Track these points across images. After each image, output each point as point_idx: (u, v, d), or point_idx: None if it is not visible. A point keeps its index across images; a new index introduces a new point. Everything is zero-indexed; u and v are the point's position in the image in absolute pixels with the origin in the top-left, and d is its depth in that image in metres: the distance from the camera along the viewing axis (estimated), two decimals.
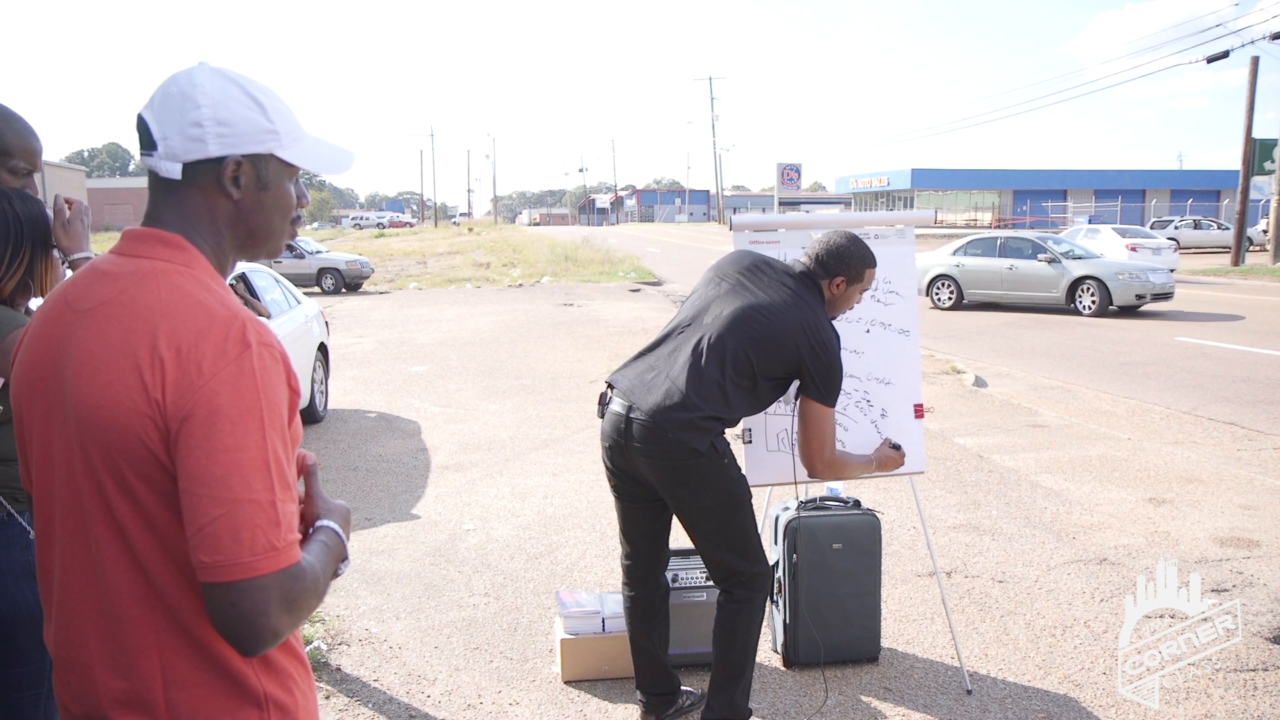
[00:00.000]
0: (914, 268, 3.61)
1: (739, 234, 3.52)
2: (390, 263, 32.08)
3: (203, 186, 1.28)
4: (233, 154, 1.27)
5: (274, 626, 1.14)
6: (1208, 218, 38.99)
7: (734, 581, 3.02)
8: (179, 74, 1.28)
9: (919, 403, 3.59)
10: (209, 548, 1.11)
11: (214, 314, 1.19)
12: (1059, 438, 7.36)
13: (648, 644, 3.23)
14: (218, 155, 1.26)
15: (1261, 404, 8.44)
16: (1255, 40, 25.19)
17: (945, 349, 11.67)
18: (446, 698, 3.51)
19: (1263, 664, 3.68)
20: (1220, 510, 5.53)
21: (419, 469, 6.67)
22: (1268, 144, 26.33)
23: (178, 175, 1.26)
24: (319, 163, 1.36)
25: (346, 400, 9.09)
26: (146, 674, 1.20)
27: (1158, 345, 11.85)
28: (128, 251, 1.27)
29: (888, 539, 4.65)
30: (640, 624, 3.22)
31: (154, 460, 1.16)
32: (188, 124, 1.24)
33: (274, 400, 1.18)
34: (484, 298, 19.83)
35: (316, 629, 4.02)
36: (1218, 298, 18.06)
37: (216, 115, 1.25)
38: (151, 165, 1.27)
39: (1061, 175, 60.19)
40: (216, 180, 1.28)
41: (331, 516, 1.32)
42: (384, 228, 71.69)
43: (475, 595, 4.42)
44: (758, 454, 3.48)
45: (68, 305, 1.26)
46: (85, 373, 1.19)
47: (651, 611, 3.22)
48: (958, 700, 3.46)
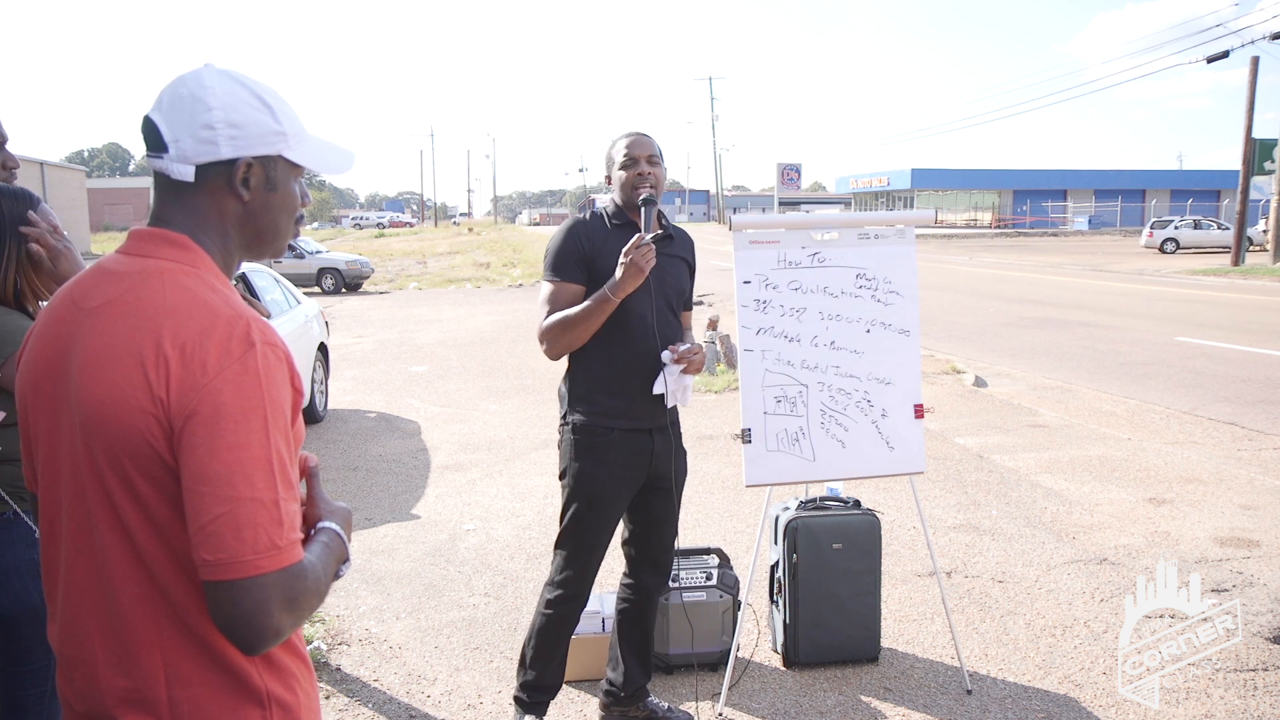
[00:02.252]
0: (914, 268, 3.61)
1: (739, 234, 3.53)
2: (390, 263, 32.08)
3: (212, 188, 1.28)
4: (243, 156, 1.28)
5: (276, 625, 1.14)
6: (1208, 218, 39.00)
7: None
8: (186, 76, 1.28)
9: (919, 403, 3.59)
10: (211, 546, 1.11)
11: (218, 313, 1.19)
12: (1059, 438, 7.36)
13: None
14: (229, 157, 1.27)
15: (1261, 404, 8.44)
16: (1255, 40, 25.22)
17: (945, 349, 11.67)
18: (446, 698, 3.51)
19: (1263, 664, 3.68)
20: (1220, 510, 5.53)
21: (419, 469, 6.67)
22: (1268, 144, 26.32)
23: (190, 178, 1.27)
24: (323, 163, 1.38)
25: (346, 400, 9.09)
26: (149, 672, 1.21)
27: (1158, 345, 11.85)
28: (133, 251, 1.27)
29: (888, 539, 4.66)
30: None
31: (158, 459, 1.16)
32: (199, 126, 1.25)
33: (277, 399, 1.19)
34: (484, 298, 19.84)
35: (316, 629, 4.02)
36: (1217, 298, 18.06)
37: (227, 117, 1.26)
38: (161, 168, 1.27)
39: (1061, 175, 60.23)
40: (227, 182, 1.29)
41: (333, 518, 1.33)
42: (384, 228, 71.75)
43: (475, 595, 4.42)
44: (758, 454, 3.48)
45: (73, 304, 1.26)
46: (90, 371, 1.20)
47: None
48: (958, 700, 3.46)
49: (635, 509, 3.09)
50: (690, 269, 3.09)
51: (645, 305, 2.85)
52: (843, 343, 3.52)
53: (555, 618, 3.03)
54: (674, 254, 3.00)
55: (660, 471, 2.99)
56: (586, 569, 3.01)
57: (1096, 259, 30.71)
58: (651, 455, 2.96)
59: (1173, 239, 34.36)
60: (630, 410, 2.90)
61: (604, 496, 2.93)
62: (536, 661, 3.08)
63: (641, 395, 2.89)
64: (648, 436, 2.94)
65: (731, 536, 5.11)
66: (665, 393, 2.89)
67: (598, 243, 2.86)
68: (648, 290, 2.83)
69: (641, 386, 2.88)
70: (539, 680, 3.10)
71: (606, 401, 2.90)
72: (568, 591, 3.01)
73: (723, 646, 3.63)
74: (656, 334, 2.88)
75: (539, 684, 3.10)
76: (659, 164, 2.92)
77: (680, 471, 3.10)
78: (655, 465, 2.98)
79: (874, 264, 3.56)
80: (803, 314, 3.50)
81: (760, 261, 3.49)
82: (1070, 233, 51.19)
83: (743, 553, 4.71)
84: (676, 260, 3.01)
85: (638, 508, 3.08)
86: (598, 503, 2.94)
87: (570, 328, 2.81)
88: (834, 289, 3.53)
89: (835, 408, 3.51)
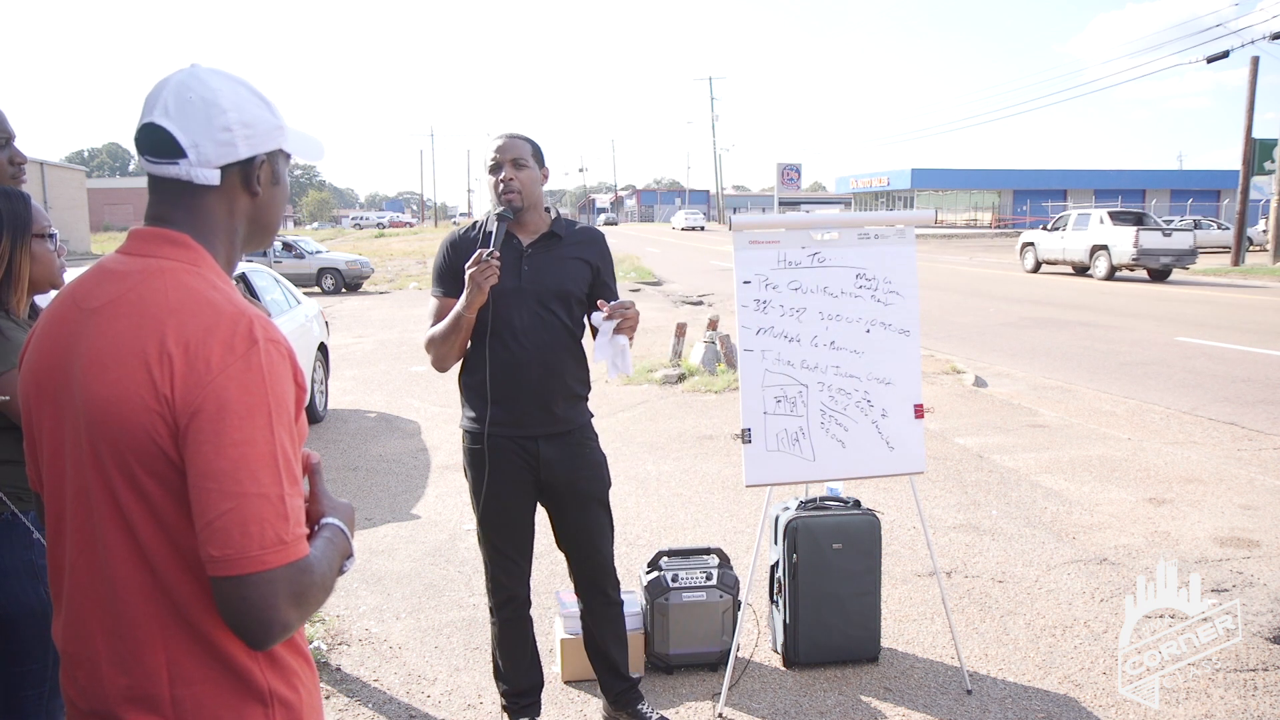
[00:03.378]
0: (914, 268, 3.61)
1: (739, 234, 3.53)
2: (390, 263, 32.08)
3: (225, 188, 1.30)
4: (258, 153, 1.30)
5: (283, 620, 1.14)
6: (1208, 218, 39.02)
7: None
8: (185, 80, 1.27)
9: (919, 403, 3.60)
10: (218, 541, 1.12)
11: (221, 311, 1.20)
12: (1059, 438, 7.37)
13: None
14: (247, 156, 1.29)
15: (1261, 404, 8.44)
16: (1255, 40, 25.24)
17: (945, 349, 11.67)
18: (446, 698, 3.51)
19: (1263, 664, 3.68)
20: (1220, 510, 5.53)
21: (419, 469, 6.67)
22: (1268, 144, 26.33)
23: (216, 181, 1.28)
24: (305, 152, 1.42)
25: (346, 400, 9.09)
26: (152, 670, 1.21)
27: (1158, 345, 11.85)
28: (134, 251, 1.28)
29: (888, 539, 4.66)
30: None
31: (163, 456, 1.17)
32: (218, 129, 1.26)
33: (281, 396, 1.19)
34: None
35: (317, 629, 4.02)
36: (1217, 297, 18.06)
37: (241, 117, 1.27)
38: (180, 174, 1.27)
39: (1061, 175, 60.21)
40: (243, 180, 1.30)
41: (336, 514, 1.33)
42: (384, 228, 71.77)
43: (475, 595, 4.42)
44: (758, 454, 3.48)
45: (76, 304, 1.27)
46: (94, 370, 1.20)
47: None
48: (958, 700, 3.46)
49: (553, 522, 3.06)
50: (594, 267, 2.98)
51: (515, 311, 2.82)
52: (843, 343, 3.53)
53: (501, 622, 3.06)
54: (565, 255, 2.92)
55: (553, 480, 2.93)
56: (508, 573, 3.01)
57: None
58: (539, 462, 2.90)
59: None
60: (508, 417, 2.86)
61: (491, 504, 2.92)
62: (507, 669, 3.11)
63: (520, 401, 2.84)
64: (533, 443, 2.89)
65: (731, 536, 5.12)
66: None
67: (468, 255, 2.79)
68: (520, 296, 2.82)
69: (519, 392, 2.84)
70: (516, 686, 3.11)
71: (485, 409, 2.87)
72: (500, 597, 3.03)
73: (723, 646, 3.63)
74: (526, 340, 2.82)
75: (518, 689, 3.12)
76: (526, 166, 2.85)
77: (589, 478, 2.99)
78: (547, 473, 2.92)
79: (874, 264, 3.56)
80: (803, 314, 3.50)
81: (760, 262, 3.50)
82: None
83: (743, 553, 4.71)
84: (568, 261, 2.92)
85: (554, 521, 3.06)
86: (489, 510, 2.94)
87: (438, 342, 2.84)
88: (834, 289, 3.53)
89: (835, 408, 3.51)
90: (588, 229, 3.06)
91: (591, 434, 3.04)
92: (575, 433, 2.96)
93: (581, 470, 2.97)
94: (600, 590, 3.12)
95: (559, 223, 2.94)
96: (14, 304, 2.12)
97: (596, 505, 3.03)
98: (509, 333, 2.82)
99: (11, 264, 2.10)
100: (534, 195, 2.86)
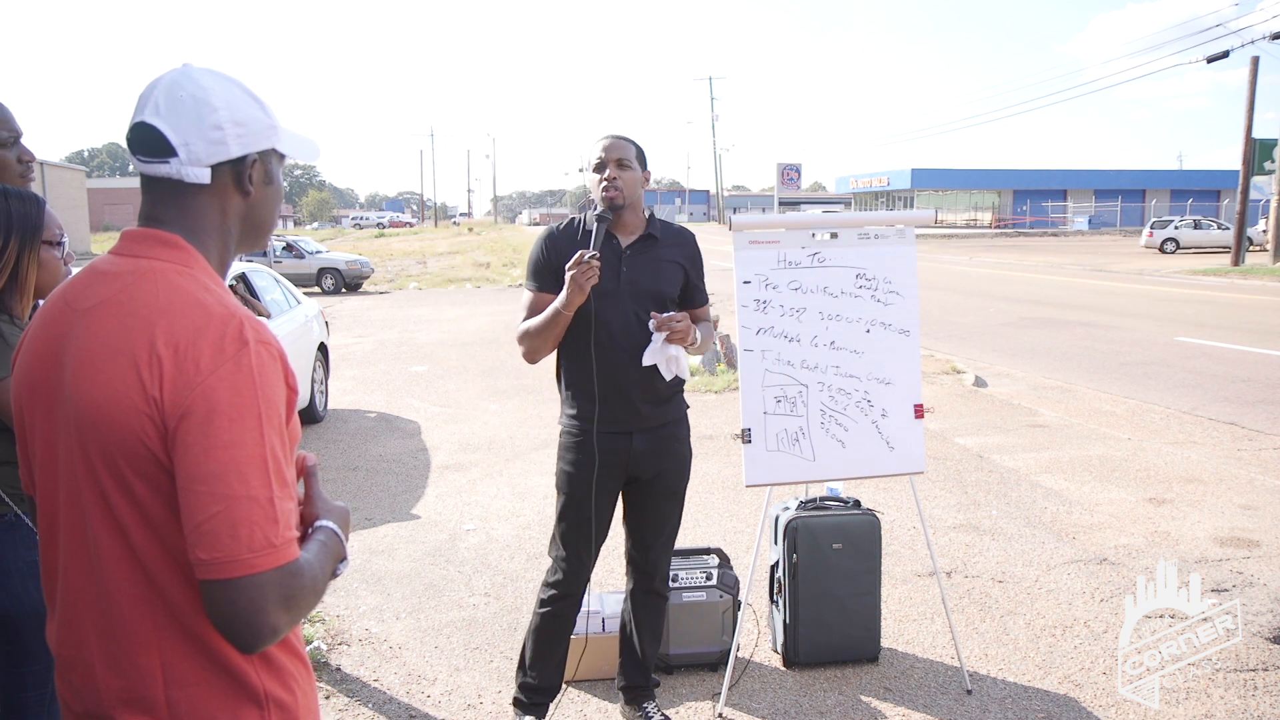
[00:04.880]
0: (914, 268, 3.60)
1: (739, 234, 3.52)
2: (390, 263, 32.09)
3: (217, 187, 1.29)
4: (250, 152, 1.29)
5: (272, 624, 1.14)
6: (1208, 218, 39.00)
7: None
8: (176, 79, 1.27)
9: (919, 403, 3.59)
10: (207, 544, 1.11)
11: (211, 312, 1.19)
12: (1059, 438, 7.36)
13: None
14: (239, 155, 1.28)
15: (1261, 404, 8.43)
16: (1255, 40, 25.21)
17: (945, 349, 11.67)
18: (446, 698, 3.51)
19: (1263, 664, 3.68)
20: (1220, 510, 5.53)
21: (419, 469, 6.67)
22: (1268, 144, 26.31)
23: (207, 179, 1.27)
24: (300, 151, 1.41)
25: (346, 400, 9.09)
26: (147, 672, 1.20)
27: (1158, 345, 11.85)
28: (126, 252, 1.27)
29: (888, 539, 4.65)
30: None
31: (152, 458, 1.16)
32: (209, 128, 1.25)
33: (271, 398, 1.18)
34: (484, 298, 19.83)
35: (316, 629, 4.02)
36: (1217, 298, 18.06)
37: (232, 116, 1.26)
38: (170, 173, 1.26)
39: (1061, 175, 60.22)
40: (235, 179, 1.30)
41: (330, 517, 1.32)
42: (384, 228, 71.79)
43: (475, 595, 4.42)
44: (758, 454, 3.48)
45: (67, 305, 1.26)
46: (84, 371, 1.19)
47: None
48: (958, 700, 3.46)
49: (626, 506, 3.12)
50: (685, 269, 3.05)
51: (612, 313, 2.87)
52: (843, 343, 3.52)
53: (549, 617, 3.06)
54: (661, 257, 2.97)
55: (639, 473, 2.99)
56: (574, 569, 3.04)
57: (1096, 259, 30.71)
58: (629, 456, 2.95)
59: (1173, 239, 34.36)
60: (604, 414, 2.91)
61: (577, 497, 2.97)
62: (535, 663, 3.11)
63: (615, 400, 2.90)
64: (627, 438, 2.94)
65: (731, 536, 5.11)
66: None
67: (567, 252, 2.86)
68: (618, 297, 2.87)
69: (613, 392, 2.89)
70: (538, 682, 3.12)
71: (582, 405, 2.93)
72: (559, 591, 3.05)
73: (723, 646, 3.63)
74: (624, 340, 2.87)
75: (538, 685, 3.13)
76: (630, 168, 2.90)
77: (672, 472, 3.06)
78: (635, 465, 2.98)
79: (874, 264, 3.56)
80: (803, 314, 3.50)
81: (760, 261, 3.49)
82: (1070, 233, 51.20)
83: (743, 553, 4.71)
84: (664, 263, 2.97)
85: (628, 506, 3.12)
86: (572, 503, 2.98)
87: (532, 337, 2.90)
88: (834, 289, 3.53)
89: (835, 408, 3.51)
90: (681, 230, 3.12)
91: (684, 429, 3.11)
92: (669, 426, 3.04)
93: (668, 463, 3.04)
94: (650, 580, 3.17)
95: (654, 223, 3.00)
96: (18, 309, 2.10)
97: (673, 500, 3.11)
98: (605, 333, 2.87)
99: (18, 268, 2.07)
100: (635, 196, 2.92)
